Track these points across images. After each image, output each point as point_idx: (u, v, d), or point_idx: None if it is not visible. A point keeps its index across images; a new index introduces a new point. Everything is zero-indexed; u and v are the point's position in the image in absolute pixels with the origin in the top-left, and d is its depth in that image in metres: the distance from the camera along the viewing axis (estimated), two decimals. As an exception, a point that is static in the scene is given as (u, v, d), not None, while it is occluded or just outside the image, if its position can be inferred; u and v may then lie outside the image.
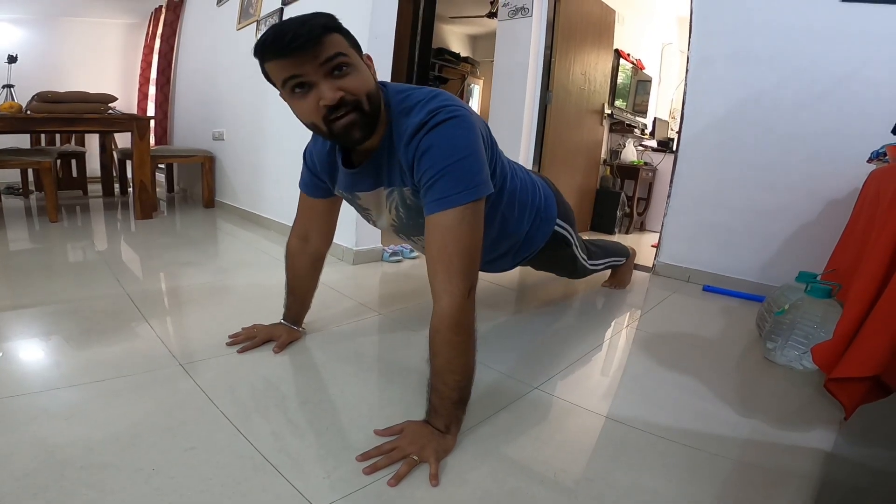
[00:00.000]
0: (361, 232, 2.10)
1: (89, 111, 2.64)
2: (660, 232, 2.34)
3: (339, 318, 1.46)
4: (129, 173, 3.27)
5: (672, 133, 4.04)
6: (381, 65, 2.00)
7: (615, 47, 3.62)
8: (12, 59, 3.58)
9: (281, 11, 2.56)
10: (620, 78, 3.77)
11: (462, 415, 0.87)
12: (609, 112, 3.66)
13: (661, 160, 3.95)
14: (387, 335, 1.41)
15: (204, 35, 3.66)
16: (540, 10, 2.87)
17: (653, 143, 4.10)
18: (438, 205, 0.84)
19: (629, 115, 3.96)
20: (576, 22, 3.08)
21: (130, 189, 3.29)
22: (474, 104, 5.92)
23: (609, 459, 0.87)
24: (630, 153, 3.96)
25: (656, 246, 2.37)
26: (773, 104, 1.96)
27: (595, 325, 1.63)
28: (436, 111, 0.85)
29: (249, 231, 2.72)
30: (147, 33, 4.61)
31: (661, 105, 4.50)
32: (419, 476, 0.78)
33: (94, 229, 2.58)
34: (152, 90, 4.46)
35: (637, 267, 2.26)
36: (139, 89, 4.61)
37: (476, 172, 0.85)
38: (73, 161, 3.67)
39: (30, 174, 3.53)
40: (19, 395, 0.92)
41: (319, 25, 0.79)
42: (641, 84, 4.15)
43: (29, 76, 3.75)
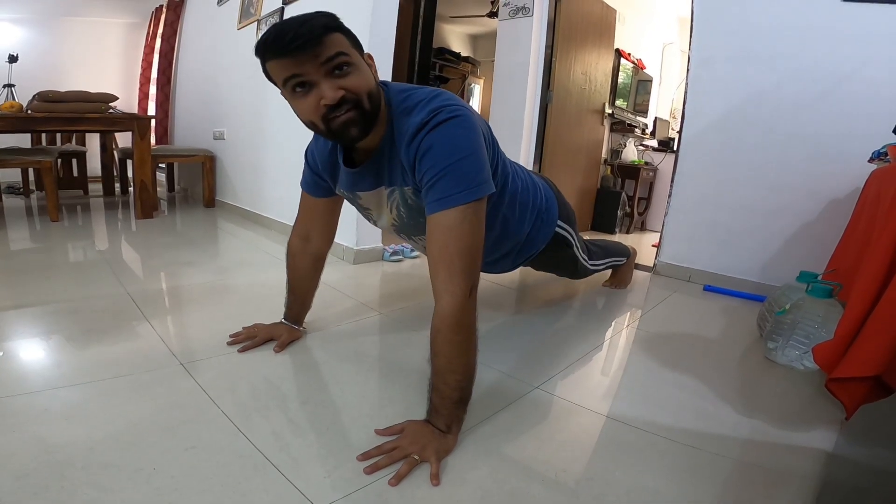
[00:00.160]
0: (362, 231, 2.10)
1: (90, 110, 2.64)
2: (660, 232, 2.34)
3: (340, 318, 1.46)
4: (130, 173, 3.27)
5: (673, 133, 4.04)
6: (382, 64, 2.00)
7: (616, 47, 3.62)
8: (13, 59, 3.58)
9: (282, 11, 2.56)
10: (621, 77, 3.77)
11: (463, 414, 0.87)
12: (610, 112, 3.65)
13: (662, 160, 3.95)
14: (387, 335, 1.41)
15: (204, 34, 3.66)
16: (541, 10, 2.87)
17: (653, 143, 4.10)
18: (440, 204, 0.84)
19: (630, 115, 3.96)
20: (576, 21, 3.08)
21: (131, 188, 3.29)
22: (475, 104, 5.92)
23: (610, 459, 0.87)
24: (631, 153, 3.96)
25: (657, 246, 2.37)
26: (774, 104, 1.96)
27: (596, 325, 1.63)
28: (437, 111, 0.85)
29: (250, 230, 2.72)
30: (148, 33, 4.62)
31: (662, 105, 4.50)
32: (420, 476, 0.78)
33: (95, 229, 2.58)
34: (153, 89, 4.47)
35: (638, 267, 2.26)
36: (140, 89, 4.62)
37: (477, 172, 0.85)
38: (74, 160, 3.68)
39: (30, 173, 3.54)
40: (20, 395, 0.92)
41: (320, 25, 0.79)
42: (642, 84, 4.14)
43: (29, 76, 3.76)
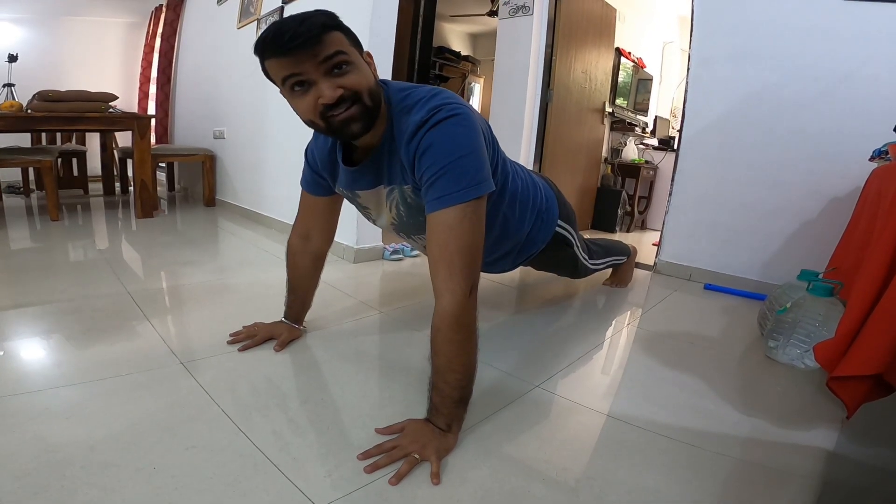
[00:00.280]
0: (362, 230, 2.10)
1: (90, 110, 2.63)
2: (661, 230, 2.34)
3: (340, 317, 1.46)
4: (130, 172, 3.27)
5: (673, 131, 4.04)
6: (382, 64, 2.00)
7: (616, 46, 3.61)
8: (13, 58, 3.58)
9: (281, 10, 2.56)
10: (621, 76, 3.77)
11: (463, 413, 0.87)
12: (610, 110, 3.65)
13: (662, 158, 3.95)
14: (388, 334, 1.40)
15: (204, 34, 3.66)
16: (541, 9, 2.87)
17: (654, 142, 4.10)
18: (440, 202, 0.83)
19: (630, 114, 3.95)
20: (577, 20, 3.08)
21: (131, 188, 3.29)
22: (475, 103, 5.92)
23: (610, 458, 0.87)
24: (631, 151, 3.96)
25: (657, 244, 2.37)
26: (775, 103, 1.96)
27: (596, 324, 1.63)
28: (437, 109, 0.85)
29: (250, 230, 2.72)
30: (147, 32, 4.61)
31: (662, 103, 4.50)
32: (420, 475, 0.78)
33: (95, 228, 2.58)
34: (153, 89, 4.46)
35: (638, 265, 2.25)
36: (140, 88, 4.61)
37: (477, 170, 0.85)
38: (74, 160, 3.67)
39: (31, 173, 3.54)
40: (20, 394, 0.92)
41: (319, 24, 0.78)
42: (642, 82, 4.14)
43: (29, 75, 3.75)
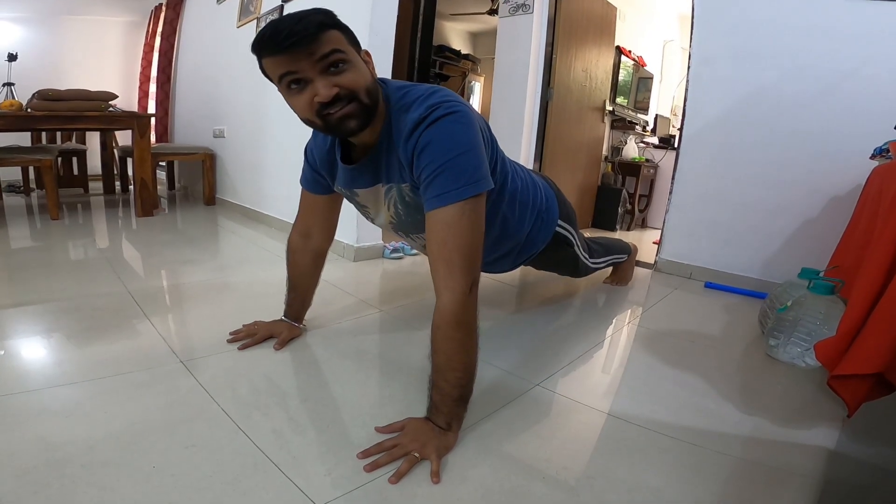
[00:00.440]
0: (363, 228, 2.10)
1: (90, 109, 2.63)
2: (661, 229, 2.34)
3: (340, 315, 1.46)
4: (130, 171, 3.27)
5: (673, 130, 4.04)
6: (382, 62, 1.99)
7: (616, 44, 3.61)
8: (13, 58, 3.58)
9: (281, 9, 2.55)
10: (622, 75, 3.76)
11: (463, 412, 0.87)
12: (610, 109, 3.65)
13: (663, 157, 3.95)
14: (388, 332, 1.40)
15: (204, 33, 3.65)
16: (541, 7, 2.86)
17: (654, 140, 4.10)
18: (438, 200, 0.83)
19: (630, 112, 3.95)
20: (577, 18, 3.07)
21: (131, 186, 3.29)
22: (475, 101, 5.91)
23: (611, 456, 0.86)
24: (631, 150, 3.96)
25: (658, 243, 2.36)
26: (775, 101, 1.95)
27: (596, 322, 1.62)
28: (435, 107, 0.85)
29: (250, 228, 2.72)
30: (147, 31, 4.61)
31: (663, 102, 4.49)
32: (420, 473, 0.77)
33: (95, 227, 2.58)
34: (153, 88, 4.46)
35: (639, 264, 2.25)
36: (140, 87, 4.61)
37: (476, 167, 0.85)
38: (74, 159, 3.67)
39: (31, 172, 3.54)
40: (20, 393, 0.92)
41: (316, 22, 0.78)
42: (643, 81, 4.13)
43: (29, 74, 3.75)
